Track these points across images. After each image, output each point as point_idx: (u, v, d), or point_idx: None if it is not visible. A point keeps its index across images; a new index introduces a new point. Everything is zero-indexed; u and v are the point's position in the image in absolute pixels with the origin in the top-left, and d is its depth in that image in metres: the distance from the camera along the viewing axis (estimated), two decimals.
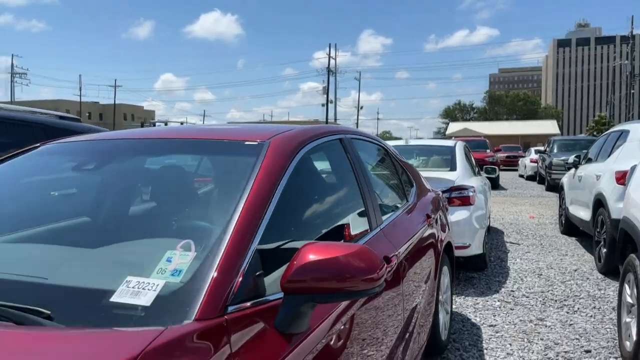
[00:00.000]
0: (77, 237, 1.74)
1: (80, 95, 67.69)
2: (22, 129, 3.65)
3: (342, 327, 1.50)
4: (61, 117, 4.17)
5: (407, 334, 2.22)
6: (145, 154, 2.00)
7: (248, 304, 1.18)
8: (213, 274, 1.15)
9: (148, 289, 1.12)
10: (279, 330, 1.18)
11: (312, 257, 1.17)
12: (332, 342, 1.41)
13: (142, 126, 67.11)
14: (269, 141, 1.71)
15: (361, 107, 57.04)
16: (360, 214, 2.09)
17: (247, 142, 1.75)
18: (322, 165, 2.30)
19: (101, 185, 2.08)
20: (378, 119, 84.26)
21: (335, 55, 47.30)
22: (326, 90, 46.05)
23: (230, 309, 1.12)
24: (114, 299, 1.10)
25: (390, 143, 5.92)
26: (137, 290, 1.11)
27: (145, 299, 1.09)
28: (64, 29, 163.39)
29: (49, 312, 1.07)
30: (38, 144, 2.15)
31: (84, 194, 2.11)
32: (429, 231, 2.80)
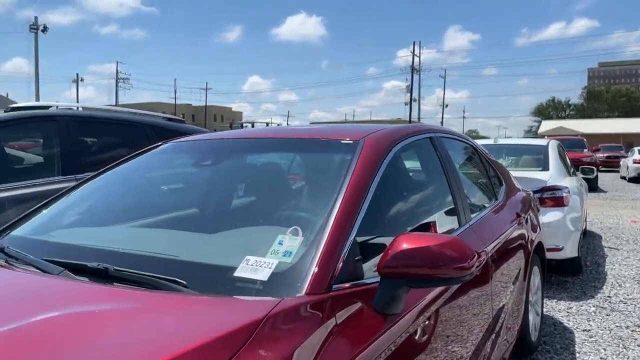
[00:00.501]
0: (194, 224, 2.01)
1: (175, 98, 72.30)
2: (137, 130, 4.10)
3: (433, 315, 1.60)
4: (168, 119, 4.61)
5: (494, 333, 2.25)
6: (250, 152, 2.23)
7: (348, 284, 1.32)
8: (319, 256, 1.31)
9: (264, 267, 1.29)
10: (376, 309, 1.31)
11: (406, 245, 1.29)
12: (424, 327, 1.52)
13: (230, 127, 70.32)
14: (364, 140, 1.84)
15: (446, 105, 55.57)
16: (449, 211, 2.16)
17: (343, 141, 1.90)
18: (413, 163, 2.40)
19: (209, 180, 2.34)
20: (464, 117, 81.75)
21: (420, 53, 46.51)
22: (410, 89, 45.44)
23: (334, 287, 1.27)
24: (237, 273, 1.29)
25: (479, 142, 5.83)
26: (255, 268, 1.30)
27: (263, 275, 1.27)
28: (162, 36, 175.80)
29: (185, 282, 1.28)
30: (159, 143, 2.45)
31: (194, 188, 2.39)
32: (519, 230, 2.79)
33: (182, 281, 1.28)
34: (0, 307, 1.27)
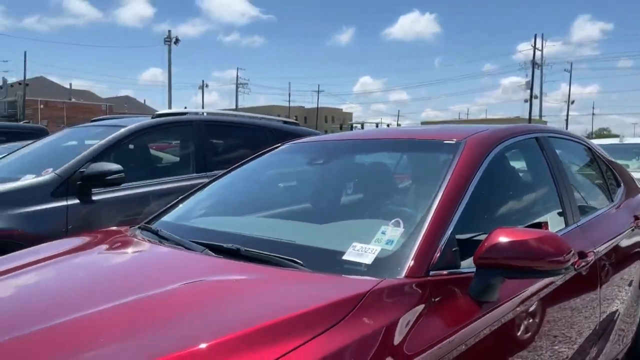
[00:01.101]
0: (307, 216, 2.26)
1: (288, 101, 75.54)
2: (258, 132, 4.53)
3: (531, 309, 1.66)
4: (285, 122, 5.00)
5: (602, 336, 2.21)
6: (359, 152, 2.44)
7: (445, 272, 1.46)
8: (417, 245, 1.46)
9: (369, 252, 1.48)
10: (471, 296, 1.43)
11: (502, 238, 1.39)
12: (520, 319, 1.60)
13: (340, 128, 71.90)
14: (466, 140, 1.94)
15: (572, 102, 51.28)
16: (555, 211, 2.17)
17: (445, 141, 2.02)
18: (519, 162, 2.43)
19: (322, 177, 2.58)
20: (593, 114, 74.64)
21: (542, 46, 43.49)
22: (530, 85, 42.68)
23: (431, 273, 1.42)
24: (345, 257, 1.49)
25: (601, 142, 5.47)
26: (360, 253, 1.49)
27: (367, 259, 1.46)
28: (278, 42, 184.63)
29: (301, 262, 1.51)
30: (278, 145, 2.75)
31: (308, 185, 2.66)
32: (636, 234, 2.66)
33: (299, 261, 1.52)
34: (160, 274, 1.62)
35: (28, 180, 3.08)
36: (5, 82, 62.14)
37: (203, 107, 64.51)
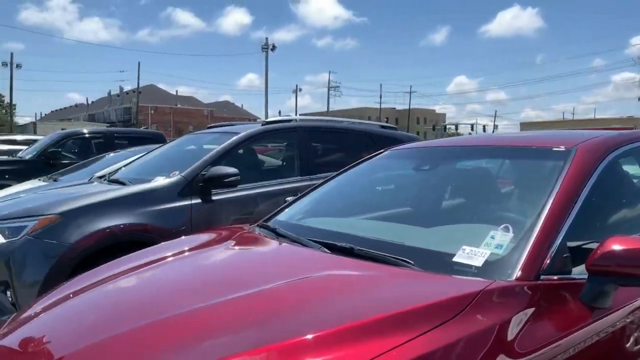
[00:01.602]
0: (412, 219, 2.37)
1: (380, 103, 75.21)
2: (357, 137, 4.71)
3: None
4: (382, 127, 5.12)
5: None
6: (463, 158, 2.51)
7: (555, 277, 1.50)
8: (527, 251, 1.52)
9: (478, 255, 1.57)
10: (583, 302, 1.46)
11: (617, 246, 1.41)
12: (628, 328, 1.58)
13: (433, 129, 70.44)
14: (576, 148, 1.94)
15: None
16: None
17: (554, 149, 2.02)
18: (633, 168, 2.35)
19: (425, 182, 2.68)
20: None
21: None
22: None
23: (542, 277, 1.47)
24: (455, 259, 1.59)
25: None
26: (470, 256, 1.58)
27: (478, 262, 1.54)
28: (370, 44, 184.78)
29: (412, 262, 1.64)
30: (382, 150, 2.88)
31: (411, 190, 2.76)
32: None
33: (410, 261, 1.64)
34: (284, 268, 1.83)
35: (159, 181, 3.50)
36: (122, 90, 68.53)
37: (296, 111, 66.30)
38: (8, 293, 2.91)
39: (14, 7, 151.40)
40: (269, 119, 4.33)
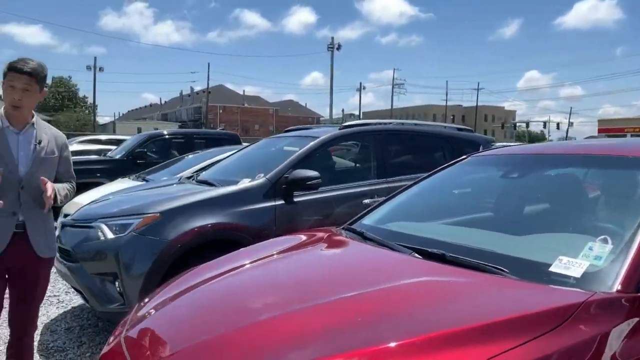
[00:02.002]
0: (499, 227, 2.39)
1: (446, 100, 73.52)
2: (434, 140, 4.74)
3: None
4: (459, 129, 5.10)
5: None
6: (553, 166, 2.49)
7: None
8: (628, 263, 1.53)
9: (576, 266, 1.59)
10: None
11: None
12: None
13: (502, 127, 67.97)
14: None
15: None
16: None
17: None
18: None
19: (513, 189, 2.68)
20: None
21: None
22: None
23: None
24: (552, 269, 1.62)
25: None
26: (567, 266, 1.61)
27: (576, 272, 1.57)
28: (436, 40, 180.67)
29: (507, 270, 1.68)
30: (465, 156, 2.92)
31: (495, 197, 2.78)
32: None
33: (504, 269, 1.69)
34: (377, 272, 1.92)
35: (246, 183, 3.72)
36: (192, 90, 71.53)
37: (360, 109, 66.17)
38: (116, 283, 3.22)
39: (96, 14, 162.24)
40: (347, 123, 4.45)
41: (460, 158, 2.92)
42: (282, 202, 3.69)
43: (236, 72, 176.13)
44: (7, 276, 2.39)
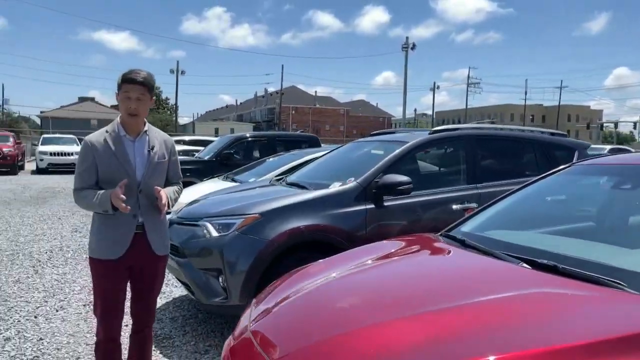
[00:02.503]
0: (608, 239, 2.33)
1: (525, 99, 70.17)
2: (524, 145, 4.62)
3: None
4: (552, 134, 4.94)
5: None
6: None
7: None
8: None
9: None
10: None
11: None
12: None
13: (587, 127, 63.62)
14: None
15: None
16: None
17: None
18: None
19: (618, 200, 2.59)
20: None
21: None
22: None
23: None
24: None
25: None
26: None
27: None
28: (515, 37, 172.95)
29: (625, 284, 1.66)
30: (567, 165, 2.86)
31: (597, 207, 2.70)
32: None
33: (622, 282, 1.67)
34: (489, 281, 1.93)
35: (338, 187, 3.85)
36: (267, 92, 73.50)
37: (433, 109, 64.83)
38: (220, 279, 3.47)
39: (178, 19, 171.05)
40: (437, 128, 4.47)
41: (563, 167, 2.86)
42: (372, 206, 3.78)
43: (308, 73, 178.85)
44: (129, 273, 2.60)
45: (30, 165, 23.63)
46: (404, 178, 3.70)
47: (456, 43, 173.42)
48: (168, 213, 2.62)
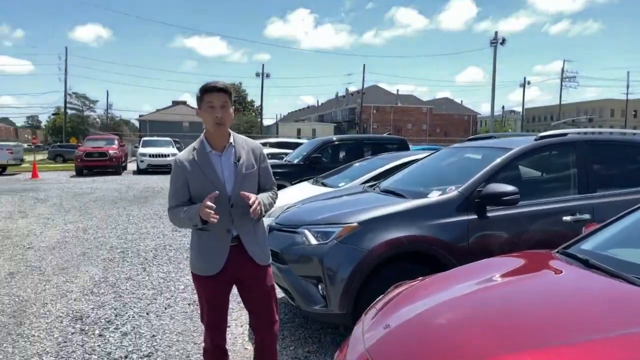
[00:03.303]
0: None
1: (627, 93, 64.55)
2: (628, 149, 4.23)
3: None
4: None
5: None
6: None
7: None
8: None
9: None
10: None
11: None
12: None
13: None
14: None
15: None
16: None
17: None
18: None
19: None
20: None
21: None
22: None
23: None
24: None
25: None
26: None
27: None
28: (616, 27, 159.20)
29: None
30: None
31: None
32: None
33: None
34: (617, 308, 1.77)
35: (440, 196, 3.74)
36: (347, 92, 73.72)
37: (523, 106, 61.57)
38: (319, 286, 3.51)
39: (263, 23, 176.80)
40: (544, 134, 4.19)
41: None
42: (475, 216, 3.63)
43: (390, 71, 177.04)
44: (235, 287, 2.62)
45: (132, 166, 25.56)
46: (510, 188, 3.52)
47: (549, 35, 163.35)
48: (261, 218, 2.54)
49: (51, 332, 3.94)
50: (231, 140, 2.53)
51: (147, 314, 4.35)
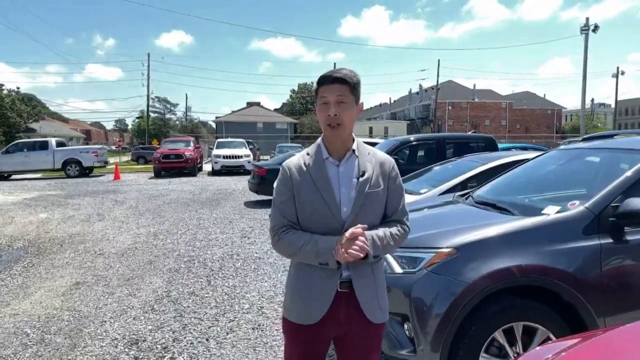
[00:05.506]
0: None
1: None
2: None
3: None
4: None
5: None
6: None
7: None
8: None
9: None
10: None
11: None
12: None
13: None
14: None
15: None
16: None
17: None
18: None
19: None
20: None
21: None
22: None
23: None
24: None
25: None
26: None
27: None
28: None
29: None
30: None
31: None
32: None
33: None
34: None
35: (558, 214, 2.93)
36: (421, 88, 71.52)
37: (616, 97, 56.61)
38: (405, 325, 2.84)
39: (337, 22, 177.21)
40: (588, 135, 3.24)
41: None
42: (609, 240, 2.80)
43: (467, 65, 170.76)
44: (334, 343, 2.01)
45: (207, 167, 26.10)
46: None
47: None
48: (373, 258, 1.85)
49: (103, 359, 3.58)
50: (354, 146, 1.93)
51: (207, 340, 3.88)
